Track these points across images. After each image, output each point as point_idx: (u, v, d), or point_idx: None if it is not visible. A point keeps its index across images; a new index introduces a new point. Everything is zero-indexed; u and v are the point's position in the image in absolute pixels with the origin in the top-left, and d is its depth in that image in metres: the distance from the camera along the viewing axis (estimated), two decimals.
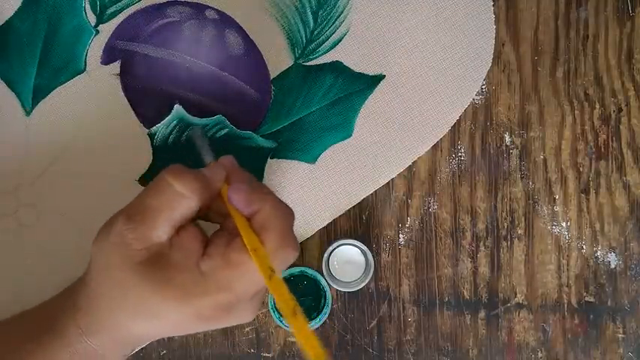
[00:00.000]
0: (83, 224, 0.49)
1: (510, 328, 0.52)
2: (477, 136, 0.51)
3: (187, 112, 0.49)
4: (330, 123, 0.50)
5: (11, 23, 0.49)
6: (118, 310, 0.37)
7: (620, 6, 0.51)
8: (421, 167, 0.51)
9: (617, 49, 0.51)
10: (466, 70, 0.50)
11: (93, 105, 0.49)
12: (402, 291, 0.51)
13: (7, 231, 0.49)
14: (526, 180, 0.51)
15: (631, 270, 0.51)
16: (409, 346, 0.51)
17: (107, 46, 0.49)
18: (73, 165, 0.49)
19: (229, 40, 0.50)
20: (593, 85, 0.51)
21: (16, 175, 0.49)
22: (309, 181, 0.50)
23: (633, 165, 0.51)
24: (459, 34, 0.50)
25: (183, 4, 0.50)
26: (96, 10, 0.49)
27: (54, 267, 0.49)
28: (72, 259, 0.49)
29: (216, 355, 0.51)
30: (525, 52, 0.51)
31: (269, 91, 0.50)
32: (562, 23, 0.51)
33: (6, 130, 0.49)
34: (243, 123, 0.50)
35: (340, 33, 0.50)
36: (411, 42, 0.50)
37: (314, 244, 0.51)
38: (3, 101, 0.49)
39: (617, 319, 0.51)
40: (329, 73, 0.50)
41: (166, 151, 0.50)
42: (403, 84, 0.50)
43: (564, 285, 0.51)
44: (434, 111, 0.50)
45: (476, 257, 0.51)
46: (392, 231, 0.51)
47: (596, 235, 0.51)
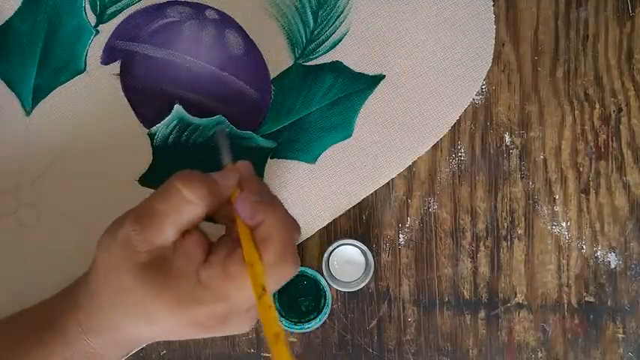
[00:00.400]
0: (83, 224, 0.49)
1: (510, 328, 0.52)
2: (477, 136, 0.51)
3: (187, 112, 0.49)
4: (330, 123, 0.50)
5: (11, 23, 0.49)
6: (116, 310, 0.37)
7: (620, 6, 0.51)
8: (421, 167, 0.51)
9: (617, 49, 0.51)
10: (466, 70, 0.50)
11: (93, 105, 0.49)
12: (402, 291, 0.51)
13: (7, 231, 0.49)
14: (526, 180, 0.51)
15: (631, 270, 0.51)
16: (409, 346, 0.51)
17: (107, 46, 0.49)
18: (73, 165, 0.49)
19: (229, 40, 0.50)
20: (593, 85, 0.51)
21: (16, 175, 0.49)
22: (309, 181, 0.50)
23: (633, 165, 0.51)
24: (459, 34, 0.50)
25: (183, 4, 0.50)
26: (96, 10, 0.49)
27: (54, 267, 0.49)
28: (72, 259, 0.49)
29: (216, 355, 0.51)
30: (525, 52, 0.51)
31: (269, 91, 0.50)
32: (562, 23, 0.51)
33: (6, 130, 0.49)
34: (243, 123, 0.50)
35: (340, 33, 0.50)
36: (411, 42, 0.50)
37: (314, 244, 0.51)
38: (3, 101, 0.49)
39: (617, 319, 0.51)
40: (329, 73, 0.50)
41: (166, 151, 0.50)
42: (403, 84, 0.50)
43: (564, 285, 0.51)
44: (434, 111, 0.50)
45: (476, 257, 0.51)
46: (392, 231, 0.51)
47: (596, 235, 0.51)
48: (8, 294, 0.49)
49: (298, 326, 0.49)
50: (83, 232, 0.49)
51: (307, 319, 0.50)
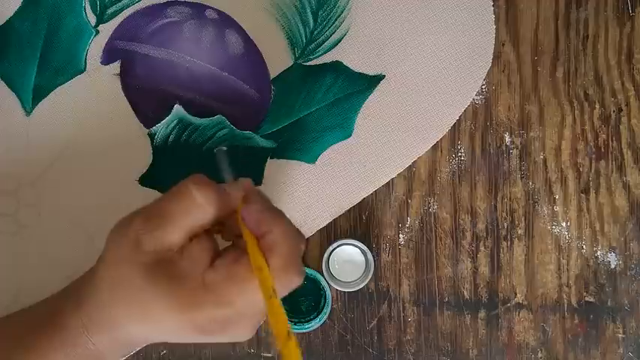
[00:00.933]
0: (83, 224, 0.49)
1: (510, 328, 0.51)
2: (477, 136, 0.51)
3: (187, 112, 0.49)
4: (330, 123, 0.50)
5: (11, 23, 0.49)
6: (119, 306, 0.37)
7: (620, 6, 0.51)
8: (421, 167, 0.51)
9: (617, 49, 0.51)
10: (466, 70, 0.50)
11: (93, 105, 0.49)
12: (402, 291, 0.51)
13: (7, 231, 0.49)
14: (526, 180, 0.51)
15: (631, 270, 0.51)
16: (409, 346, 0.51)
17: (107, 46, 0.49)
18: (73, 165, 0.49)
19: (229, 40, 0.50)
20: (593, 85, 0.51)
21: (16, 175, 0.49)
22: (309, 181, 0.50)
23: (633, 165, 0.51)
24: (458, 34, 0.50)
25: (183, 4, 0.50)
26: (96, 10, 0.49)
27: (54, 267, 0.49)
28: (72, 259, 0.49)
29: (216, 354, 0.51)
30: (525, 52, 0.51)
31: (269, 91, 0.50)
32: (562, 23, 0.51)
33: (6, 130, 0.49)
34: (243, 123, 0.50)
35: (340, 33, 0.50)
36: (411, 42, 0.50)
37: (314, 244, 0.51)
38: (3, 101, 0.49)
39: (617, 319, 0.51)
40: (329, 73, 0.50)
41: (166, 151, 0.50)
42: (403, 84, 0.50)
43: (564, 285, 0.51)
44: (434, 111, 0.50)
45: (476, 257, 0.51)
46: (392, 231, 0.51)
47: (596, 235, 0.51)
48: (8, 294, 0.49)
49: (298, 326, 0.50)
50: (83, 232, 0.49)
51: (307, 319, 0.50)
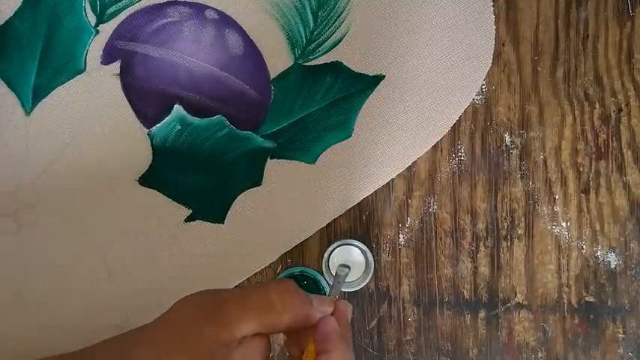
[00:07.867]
0: (83, 224, 0.49)
1: (510, 328, 0.51)
2: (477, 136, 0.51)
3: (187, 112, 0.49)
4: (330, 123, 0.50)
5: (11, 23, 0.49)
6: None
7: (620, 6, 0.51)
8: (421, 167, 0.51)
9: (617, 49, 0.51)
10: (466, 70, 0.50)
11: (93, 105, 0.50)
12: (402, 291, 0.51)
13: (7, 231, 0.49)
14: (526, 180, 0.51)
15: (631, 270, 0.51)
16: (409, 346, 0.51)
17: (107, 46, 0.49)
18: (73, 165, 0.50)
19: (229, 40, 0.50)
20: (593, 85, 0.51)
21: (16, 175, 0.49)
22: (309, 181, 0.50)
23: (633, 165, 0.51)
24: (459, 34, 0.50)
25: (183, 4, 0.50)
26: (96, 10, 0.49)
27: (54, 267, 0.49)
28: (71, 259, 0.49)
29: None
30: (525, 52, 0.51)
31: (269, 91, 0.50)
32: (562, 23, 0.51)
33: (6, 131, 0.49)
34: (243, 123, 0.50)
35: (340, 33, 0.50)
36: (411, 42, 0.50)
37: (314, 244, 0.51)
38: (3, 101, 0.49)
39: (617, 319, 0.51)
40: (329, 73, 0.50)
41: (166, 151, 0.50)
42: (403, 84, 0.50)
43: (564, 285, 0.51)
44: (434, 111, 0.50)
45: (476, 257, 0.51)
46: (392, 231, 0.51)
47: (596, 235, 0.51)
48: (8, 294, 0.49)
49: None
50: (83, 232, 0.49)
51: None
